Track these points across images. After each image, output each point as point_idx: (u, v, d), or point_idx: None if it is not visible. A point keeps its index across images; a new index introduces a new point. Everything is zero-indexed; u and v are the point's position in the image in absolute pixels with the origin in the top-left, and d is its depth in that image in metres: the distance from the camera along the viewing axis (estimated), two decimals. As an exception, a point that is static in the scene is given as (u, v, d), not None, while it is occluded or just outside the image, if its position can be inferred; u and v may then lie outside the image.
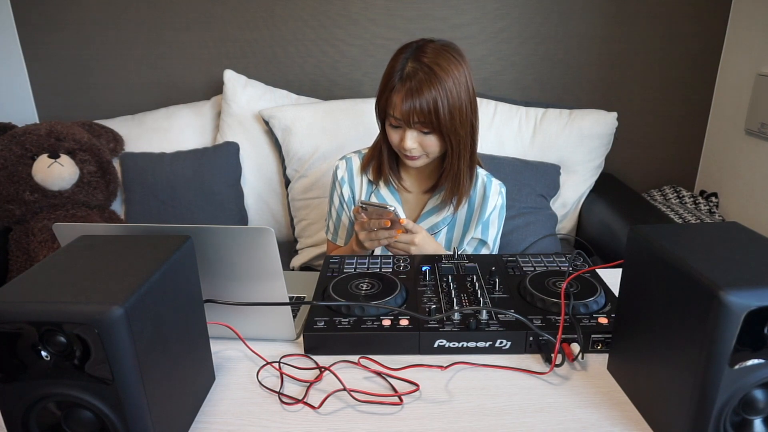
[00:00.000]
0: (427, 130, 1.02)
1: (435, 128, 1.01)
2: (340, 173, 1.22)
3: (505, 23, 1.90)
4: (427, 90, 0.97)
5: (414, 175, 1.19)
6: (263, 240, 0.72)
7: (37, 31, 1.91)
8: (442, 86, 0.98)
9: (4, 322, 0.51)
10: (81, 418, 0.55)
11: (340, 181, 1.21)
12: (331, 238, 1.28)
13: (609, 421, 0.66)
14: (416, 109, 0.98)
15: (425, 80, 0.98)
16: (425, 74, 0.98)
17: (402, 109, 0.99)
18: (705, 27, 1.90)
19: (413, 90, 0.98)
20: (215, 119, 1.88)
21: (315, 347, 0.79)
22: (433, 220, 1.18)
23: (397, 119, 1.02)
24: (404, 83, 0.99)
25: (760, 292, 0.51)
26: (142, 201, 1.73)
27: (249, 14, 1.89)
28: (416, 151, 1.05)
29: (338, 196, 1.23)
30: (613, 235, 1.59)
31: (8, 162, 1.55)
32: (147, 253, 0.61)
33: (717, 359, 0.52)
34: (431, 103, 0.98)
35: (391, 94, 1.01)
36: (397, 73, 1.01)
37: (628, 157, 2.05)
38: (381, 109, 1.06)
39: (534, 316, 0.80)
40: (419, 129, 1.02)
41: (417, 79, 0.98)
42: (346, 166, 1.22)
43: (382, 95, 1.04)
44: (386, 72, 1.04)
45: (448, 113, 0.99)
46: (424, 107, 0.98)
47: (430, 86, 0.97)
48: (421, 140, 1.04)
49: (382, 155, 1.14)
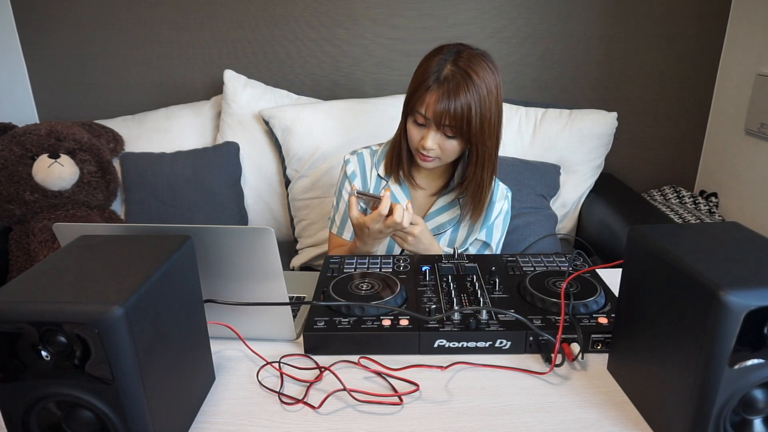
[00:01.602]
0: (452, 134, 1.03)
1: (462, 134, 1.02)
2: (351, 168, 1.22)
3: (505, 22, 1.90)
4: (463, 95, 0.98)
5: (425, 174, 1.19)
6: (263, 240, 0.72)
7: (37, 31, 1.91)
8: (478, 93, 0.99)
9: (4, 322, 0.51)
10: (81, 418, 0.55)
11: (350, 176, 1.22)
12: (336, 231, 1.28)
13: (609, 421, 0.66)
14: (449, 112, 0.99)
15: (462, 84, 0.99)
16: (463, 78, 0.99)
17: (435, 110, 1.00)
18: (705, 27, 1.90)
19: (450, 92, 0.99)
20: (215, 119, 1.88)
21: (315, 347, 0.79)
22: (439, 220, 1.18)
23: (425, 118, 1.02)
24: (441, 85, 1.00)
25: (760, 292, 0.51)
26: (142, 201, 1.73)
27: (249, 14, 1.89)
28: (434, 152, 1.06)
29: (347, 191, 1.23)
30: (613, 235, 1.59)
31: (8, 162, 1.55)
32: (147, 253, 0.61)
33: (717, 359, 0.52)
34: (465, 108, 0.99)
35: (425, 93, 1.01)
36: (433, 74, 1.01)
37: (628, 157, 2.05)
38: (410, 105, 1.06)
39: (534, 316, 0.80)
40: (445, 132, 1.03)
41: (454, 83, 0.99)
42: (358, 160, 1.22)
43: (415, 93, 1.03)
44: (420, 71, 1.04)
45: (479, 121, 1.00)
46: (458, 111, 0.99)
47: (467, 91, 0.98)
48: (441, 143, 1.04)
49: (401, 152, 1.14)
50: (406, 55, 1.93)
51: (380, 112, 1.76)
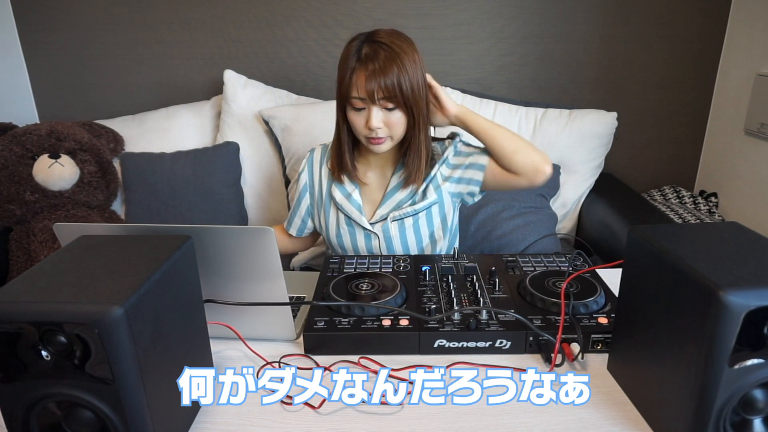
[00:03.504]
0: (392, 105, 1.04)
1: (399, 102, 1.03)
2: (303, 164, 1.25)
3: (505, 22, 1.90)
4: (389, 65, 1.00)
5: (375, 164, 1.18)
6: (263, 240, 0.72)
7: (37, 31, 1.91)
8: (401, 62, 1.01)
9: (4, 322, 0.51)
10: (81, 418, 0.55)
11: (299, 173, 1.24)
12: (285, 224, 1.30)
13: (609, 421, 0.66)
14: (381, 85, 1.01)
15: (387, 57, 1.01)
16: (385, 52, 1.01)
17: (367, 87, 1.01)
18: (705, 27, 1.90)
19: (377, 68, 1.01)
20: (215, 119, 1.88)
21: (315, 347, 0.79)
22: (398, 197, 1.17)
23: (361, 99, 1.04)
24: (366, 63, 1.02)
25: (759, 292, 0.51)
26: (142, 201, 1.73)
27: (249, 14, 1.89)
28: (382, 131, 1.06)
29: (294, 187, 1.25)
30: (613, 235, 1.59)
31: (9, 162, 1.55)
32: (147, 253, 0.61)
33: (717, 359, 0.52)
34: (395, 76, 1.01)
35: (352, 75, 1.03)
36: (353, 56, 1.03)
37: (628, 157, 2.05)
38: (342, 96, 1.07)
39: (534, 316, 0.80)
40: (384, 105, 1.04)
41: (379, 57, 1.01)
42: (309, 156, 1.25)
43: (342, 82, 1.05)
44: (342, 60, 1.06)
45: (410, 86, 1.02)
46: (389, 82, 1.01)
47: (392, 62, 1.01)
48: (386, 119, 1.05)
49: (342, 147, 1.15)
50: (406, 55, 1.93)
51: (380, 112, 1.76)
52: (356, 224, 1.17)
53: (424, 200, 1.16)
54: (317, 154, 1.25)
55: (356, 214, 1.17)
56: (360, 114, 1.06)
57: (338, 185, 1.19)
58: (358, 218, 1.16)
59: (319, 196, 1.22)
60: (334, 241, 1.21)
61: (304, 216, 1.25)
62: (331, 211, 1.20)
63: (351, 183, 1.18)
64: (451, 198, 1.17)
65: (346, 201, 1.17)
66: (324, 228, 1.22)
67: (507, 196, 1.62)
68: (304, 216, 1.25)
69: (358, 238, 1.18)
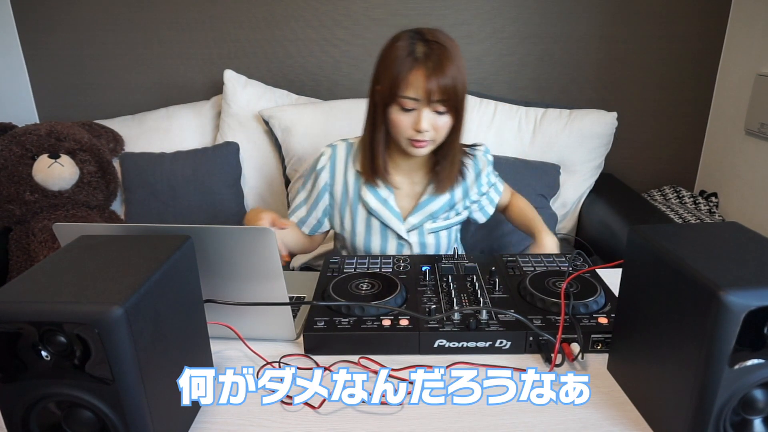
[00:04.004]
0: (443, 109, 1.01)
1: (452, 106, 1.01)
2: (323, 162, 1.17)
3: (505, 22, 1.90)
4: (447, 67, 0.98)
5: (404, 169, 1.16)
6: (263, 240, 0.72)
7: (37, 31, 1.91)
8: (456, 63, 0.99)
9: (4, 322, 0.51)
10: (81, 418, 0.55)
11: (318, 170, 1.17)
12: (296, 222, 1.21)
13: (609, 421, 0.66)
14: (440, 86, 0.98)
15: (444, 57, 0.99)
16: (441, 51, 0.99)
17: (426, 87, 0.98)
18: (705, 27, 1.90)
19: (435, 67, 0.98)
20: (215, 119, 1.88)
21: (315, 347, 0.79)
22: (432, 207, 1.15)
23: (413, 99, 1.00)
24: (422, 62, 0.98)
25: (760, 292, 0.51)
26: (142, 201, 1.73)
27: (249, 14, 1.89)
28: (429, 134, 1.03)
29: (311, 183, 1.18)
30: (613, 235, 1.59)
31: (8, 162, 1.55)
32: (147, 253, 0.61)
33: (717, 359, 0.52)
34: (452, 79, 0.99)
35: (408, 75, 0.99)
36: (408, 56, 0.99)
37: (628, 157, 2.05)
38: (390, 95, 1.02)
39: (534, 316, 0.80)
40: (435, 108, 1.01)
41: (435, 57, 0.98)
42: (331, 154, 1.17)
43: (393, 80, 1.00)
44: (390, 58, 1.01)
45: (462, 89, 1.01)
46: (448, 83, 0.99)
47: (450, 63, 0.99)
48: (434, 122, 1.03)
49: (377, 149, 1.10)
50: (406, 55, 1.93)
51: (380, 112, 1.76)
52: (391, 231, 1.15)
53: (462, 214, 1.19)
54: (341, 151, 1.17)
55: (395, 222, 1.14)
56: (407, 115, 1.02)
57: (371, 189, 1.14)
58: (397, 227, 1.14)
59: (343, 197, 1.17)
60: (360, 245, 1.17)
61: (321, 216, 1.19)
62: (359, 215, 1.16)
63: (385, 188, 1.15)
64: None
65: (382, 207, 1.14)
66: (350, 231, 1.17)
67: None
68: (321, 216, 1.19)
69: (389, 245, 1.16)
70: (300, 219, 1.20)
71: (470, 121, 1.77)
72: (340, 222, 1.19)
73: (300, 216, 1.20)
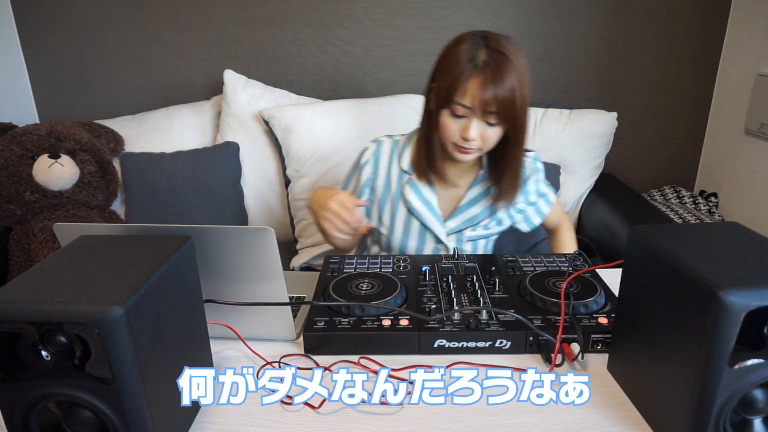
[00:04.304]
0: (495, 121, 0.99)
1: (505, 120, 0.99)
2: (366, 156, 1.16)
3: (505, 23, 1.90)
4: (507, 78, 0.95)
5: (455, 169, 1.13)
6: (263, 240, 0.72)
7: (37, 31, 1.91)
8: (517, 75, 0.96)
9: (4, 322, 0.51)
10: (81, 418, 0.55)
11: (362, 165, 1.16)
12: None
13: (609, 421, 0.66)
14: (496, 97, 0.95)
15: (505, 68, 0.95)
16: (503, 61, 0.95)
17: (482, 97, 0.95)
18: (705, 27, 1.90)
19: (494, 77, 0.95)
20: (215, 119, 1.88)
21: (315, 347, 0.79)
22: (473, 211, 1.13)
23: (466, 108, 0.98)
24: (481, 70, 0.96)
25: (759, 292, 0.51)
26: (142, 201, 1.73)
27: (249, 14, 1.89)
28: (476, 143, 1.01)
29: (356, 178, 1.18)
30: (613, 235, 1.59)
31: (9, 162, 1.55)
32: (147, 253, 0.61)
33: (717, 359, 0.52)
34: (509, 91, 0.96)
35: (465, 82, 0.96)
36: (468, 61, 0.96)
37: (628, 157, 2.05)
38: (445, 98, 1.00)
39: (534, 316, 0.80)
40: (487, 120, 0.99)
41: (495, 66, 0.95)
42: (376, 149, 1.16)
43: (452, 83, 0.98)
44: (449, 60, 0.99)
45: (521, 104, 0.98)
46: (504, 96, 0.96)
47: (509, 74, 0.95)
48: (483, 132, 1.00)
49: (433, 149, 1.07)
50: (407, 55, 1.93)
51: (380, 112, 1.76)
52: (430, 233, 1.13)
53: (504, 224, 1.17)
54: (386, 147, 1.16)
55: (436, 225, 1.12)
56: (457, 121, 1.00)
57: (414, 188, 1.12)
58: (437, 229, 1.12)
59: (384, 193, 1.15)
60: (396, 244, 1.16)
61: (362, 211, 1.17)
62: (399, 213, 1.14)
63: (429, 189, 1.12)
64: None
65: (425, 208, 1.12)
66: (387, 228, 1.16)
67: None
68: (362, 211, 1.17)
69: (426, 247, 1.15)
70: None
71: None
72: (379, 217, 1.17)
73: None
